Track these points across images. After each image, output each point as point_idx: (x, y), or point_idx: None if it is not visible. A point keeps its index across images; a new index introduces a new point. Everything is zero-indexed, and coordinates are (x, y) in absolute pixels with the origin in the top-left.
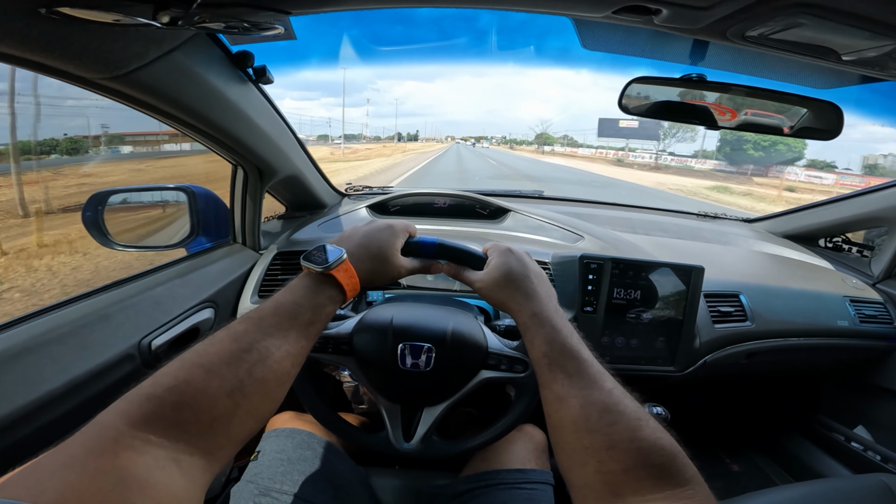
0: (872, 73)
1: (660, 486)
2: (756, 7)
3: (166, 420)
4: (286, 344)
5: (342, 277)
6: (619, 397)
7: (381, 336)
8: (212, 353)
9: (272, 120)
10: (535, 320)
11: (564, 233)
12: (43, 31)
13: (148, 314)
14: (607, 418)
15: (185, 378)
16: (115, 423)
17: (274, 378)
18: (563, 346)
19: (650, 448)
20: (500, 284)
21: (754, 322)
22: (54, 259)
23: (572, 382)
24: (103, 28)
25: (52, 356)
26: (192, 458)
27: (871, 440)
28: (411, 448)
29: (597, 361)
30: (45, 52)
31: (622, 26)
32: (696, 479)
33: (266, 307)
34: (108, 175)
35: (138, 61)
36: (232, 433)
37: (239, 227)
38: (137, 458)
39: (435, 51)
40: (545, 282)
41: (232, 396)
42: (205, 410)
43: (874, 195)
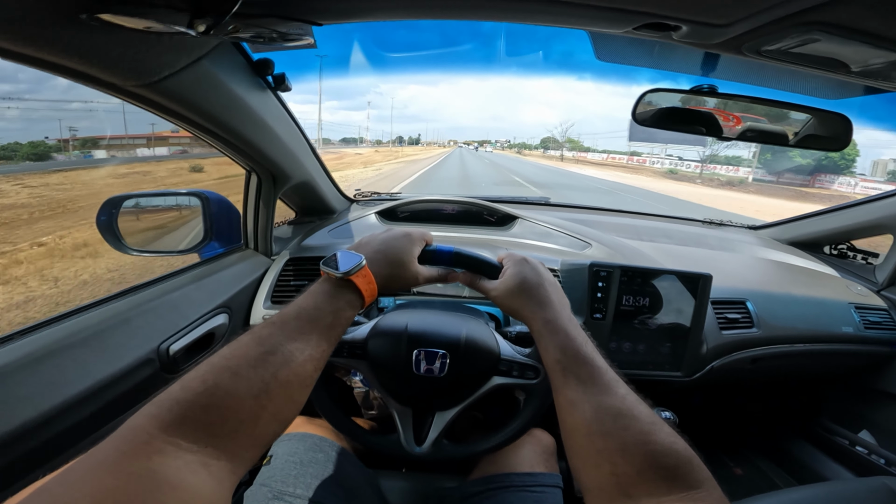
0: (878, 84)
1: (673, 489)
2: (773, 25)
3: (196, 423)
4: (308, 347)
5: (361, 283)
6: (632, 403)
7: (396, 342)
8: (238, 356)
9: (288, 126)
10: (548, 328)
11: (572, 240)
12: (83, 38)
13: (166, 318)
14: (621, 422)
15: (214, 381)
16: (147, 427)
17: (297, 381)
18: (576, 354)
19: (664, 451)
20: (515, 293)
21: (760, 328)
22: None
23: (585, 388)
24: (139, 35)
25: (76, 360)
26: (219, 462)
27: (876, 444)
28: (423, 451)
29: (610, 369)
30: (83, 59)
31: (637, 40)
32: (709, 481)
33: (288, 311)
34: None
35: (169, 69)
36: (257, 435)
37: (252, 233)
38: (169, 461)
39: (440, 57)
40: (558, 290)
41: (258, 399)
42: (232, 412)
43: (879, 203)
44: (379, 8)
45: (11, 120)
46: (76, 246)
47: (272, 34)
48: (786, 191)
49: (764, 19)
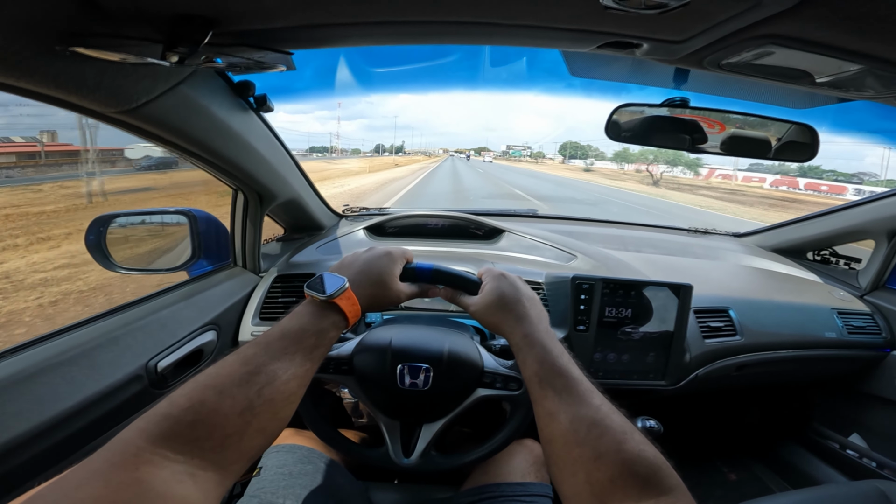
0: (845, 94)
1: (644, 495)
2: (727, 39)
3: (182, 437)
4: (292, 367)
5: (345, 305)
6: (606, 412)
7: (381, 357)
8: (223, 376)
9: (272, 146)
10: (526, 341)
11: (558, 252)
12: (59, 68)
13: (154, 336)
14: (595, 432)
15: (200, 398)
16: (136, 440)
17: (281, 398)
18: (552, 366)
19: (635, 459)
20: (493, 308)
21: (743, 336)
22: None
23: (562, 399)
24: (115, 66)
25: (65, 377)
26: (206, 473)
27: (866, 447)
28: (411, 463)
29: (586, 379)
30: (61, 88)
31: (607, 56)
32: (679, 487)
33: (273, 332)
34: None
35: (147, 95)
36: (243, 449)
37: (239, 251)
38: (156, 471)
39: (427, 70)
40: (536, 304)
41: (242, 415)
42: (218, 428)
43: (860, 208)
44: (348, 35)
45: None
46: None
47: (247, 62)
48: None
49: (717, 34)
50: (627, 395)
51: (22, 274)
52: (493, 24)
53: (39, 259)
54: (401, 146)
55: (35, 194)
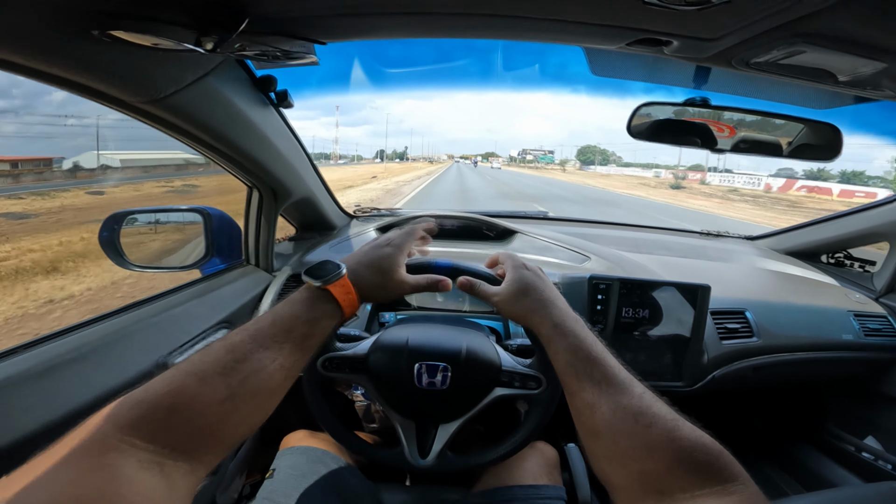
0: (866, 93)
1: (706, 483)
2: (760, 37)
3: (155, 424)
4: (280, 357)
5: (338, 293)
6: (650, 401)
7: (398, 356)
8: (206, 363)
9: (289, 142)
10: (557, 331)
11: (571, 253)
12: (93, 53)
13: (168, 334)
14: (643, 421)
15: (179, 385)
16: (103, 426)
17: (266, 389)
18: (588, 355)
19: (691, 447)
20: (519, 297)
21: (760, 337)
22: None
23: (601, 389)
24: (147, 52)
25: (77, 373)
26: (175, 463)
27: (882, 449)
28: (428, 463)
29: (623, 368)
30: (91, 74)
31: (631, 55)
32: (743, 475)
33: (264, 319)
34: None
35: (175, 85)
36: (220, 439)
37: (253, 249)
38: (122, 459)
39: (438, 72)
40: (560, 294)
41: (223, 405)
42: (196, 417)
43: (875, 211)
44: (382, 26)
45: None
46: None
47: (277, 52)
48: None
49: (750, 32)
50: None
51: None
52: (525, 17)
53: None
54: (403, 152)
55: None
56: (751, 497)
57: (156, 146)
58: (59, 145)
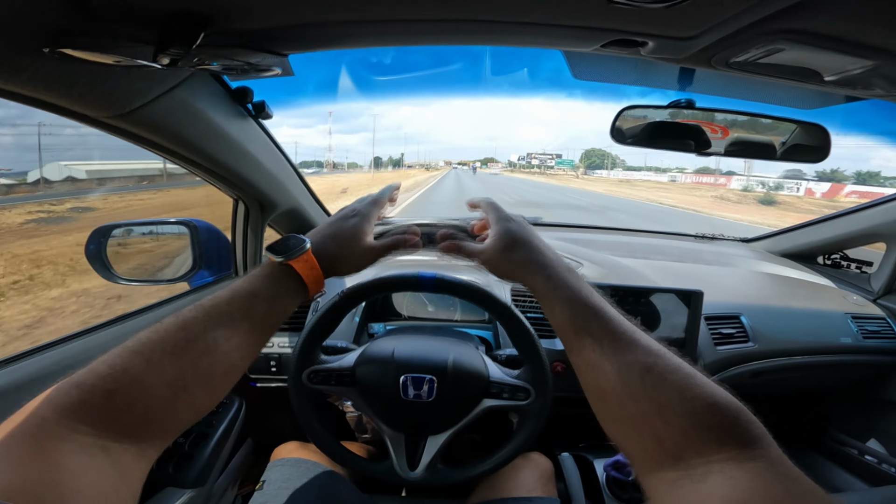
0: (855, 92)
1: (724, 446)
2: (737, 35)
3: (96, 408)
4: (237, 336)
5: (302, 268)
6: (657, 354)
7: (384, 368)
8: (154, 342)
9: (272, 154)
10: (550, 284)
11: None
12: (47, 70)
13: None
14: (649, 380)
15: (122, 366)
16: (41, 411)
17: (219, 371)
18: (585, 307)
19: (706, 406)
20: (506, 252)
21: (756, 342)
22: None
23: (603, 346)
24: (106, 68)
25: None
26: (121, 446)
27: (886, 453)
28: (417, 476)
29: (624, 319)
30: (50, 91)
31: (611, 57)
32: (764, 437)
33: (221, 295)
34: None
35: (141, 99)
36: (167, 424)
37: (241, 261)
38: (62, 445)
39: (429, 78)
40: (550, 247)
41: (171, 387)
42: (139, 400)
43: (871, 211)
44: (346, 36)
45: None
46: None
47: (241, 65)
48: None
49: (727, 30)
50: None
51: None
52: (493, 21)
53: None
54: (399, 159)
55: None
56: (773, 463)
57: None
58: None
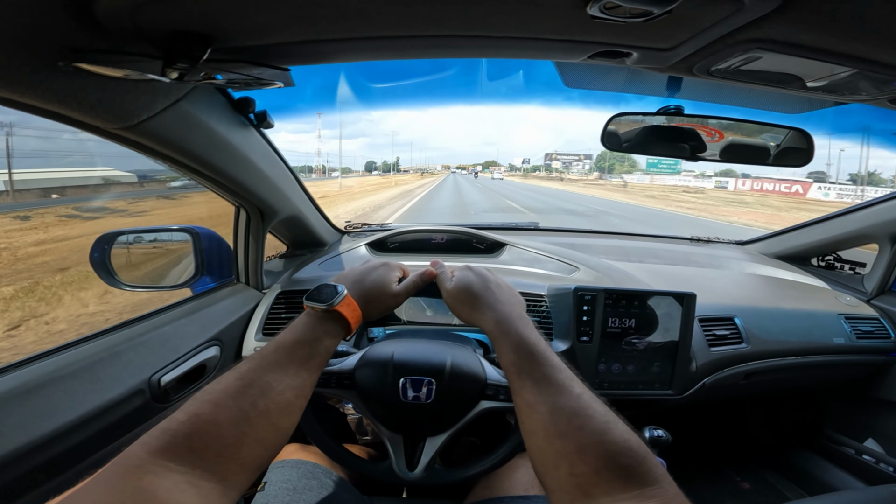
0: (839, 97)
1: (629, 486)
2: (714, 45)
3: (181, 448)
4: (287, 377)
5: (346, 311)
6: (587, 401)
7: (383, 371)
8: (219, 390)
9: (273, 162)
10: (500, 329)
11: (560, 264)
12: (61, 84)
13: (157, 352)
14: (576, 422)
15: (195, 412)
16: (138, 452)
17: (277, 409)
18: (530, 353)
19: (619, 451)
20: (462, 297)
21: (750, 343)
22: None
23: (540, 389)
24: (115, 82)
25: (66, 391)
26: (208, 484)
27: (882, 452)
28: (415, 477)
29: (566, 367)
30: (62, 104)
31: (600, 66)
32: (664, 478)
33: (269, 346)
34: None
35: (147, 112)
36: (243, 460)
37: (242, 268)
38: (158, 480)
39: (425, 85)
40: (506, 290)
41: (238, 426)
42: (214, 439)
43: (863, 212)
44: (344, 51)
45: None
46: None
47: (246, 78)
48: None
49: (704, 40)
50: (634, 406)
51: None
52: (484, 37)
53: None
54: (395, 163)
55: None
56: (670, 500)
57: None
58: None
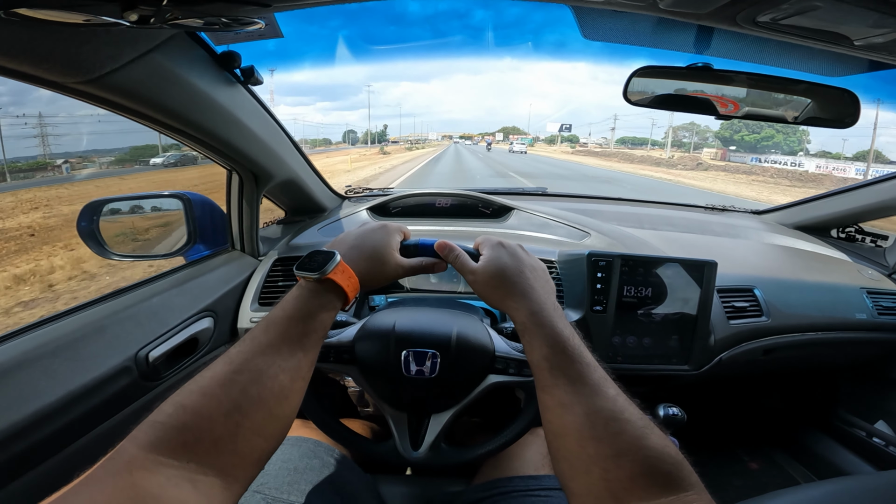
0: (883, 58)
1: (665, 492)
2: None
3: (171, 442)
4: (279, 359)
5: (340, 279)
6: (623, 404)
7: (384, 343)
8: (207, 378)
9: (264, 123)
10: (533, 320)
11: (570, 230)
12: (4, 34)
13: (144, 325)
14: (613, 427)
15: (183, 403)
16: (129, 448)
17: (271, 395)
18: (564, 349)
19: (658, 456)
20: (494, 282)
21: (770, 317)
22: None
23: (576, 389)
24: (69, 29)
25: (46, 370)
26: (206, 478)
27: (893, 435)
28: (420, 456)
29: (598, 365)
30: (9, 57)
31: (624, 15)
32: (698, 484)
33: (259, 325)
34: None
35: (112, 63)
36: (240, 452)
37: (237, 234)
38: (150, 476)
39: (429, 49)
40: (541, 276)
41: (230, 416)
42: (205, 432)
43: (887, 184)
44: None
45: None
46: None
47: (222, 20)
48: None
49: None
50: (648, 382)
51: None
52: None
53: None
54: (382, 132)
55: None
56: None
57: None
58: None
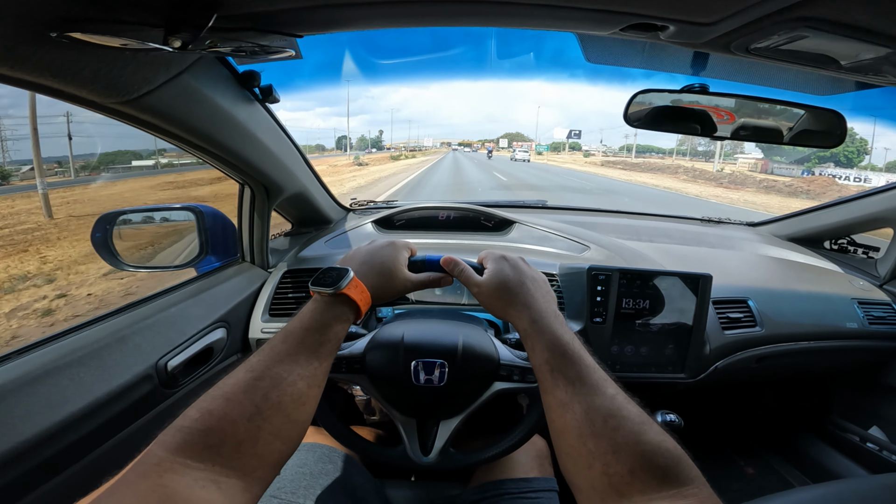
0: (868, 79)
1: (665, 486)
2: (761, 22)
3: (196, 446)
4: (297, 367)
5: (354, 294)
6: (621, 402)
7: (393, 354)
8: (230, 384)
9: (278, 138)
10: (535, 327)
11: (570, 243)
12: (53, 56)
13: (163, 335)
14: (611, 423)
15: (208, 408)
16: (156, 451)
17: (290, 400)
18: (564, 353)
19: (655, 450)
20: (497, 293)
21: (763, 327)
22: None
23: (575, 389)
24: (112, 53)
25: (73, 378)
26: (229, 480)
27: (887, 440)
28: (430, 461)
29: (599, 367)
30: (56, 77)
31: (626, 40)
32: (699, 478)
33: (277, 336)
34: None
35: (147, 86)
36: (261, 454)
37: (247, 246)
38: (178, 478)
39: (431, 61)
40: (542, 286)
41: (252, 420)
42: (229, 435)
43: (878, 196)
44: (360, 17)
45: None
46: None
47: (253, 47)
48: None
49: (750, 16)
50: (645, 389)
51: None
52: (508, 3)
53: None
54: (377, 138)
55: None
56: (705, 500)
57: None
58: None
